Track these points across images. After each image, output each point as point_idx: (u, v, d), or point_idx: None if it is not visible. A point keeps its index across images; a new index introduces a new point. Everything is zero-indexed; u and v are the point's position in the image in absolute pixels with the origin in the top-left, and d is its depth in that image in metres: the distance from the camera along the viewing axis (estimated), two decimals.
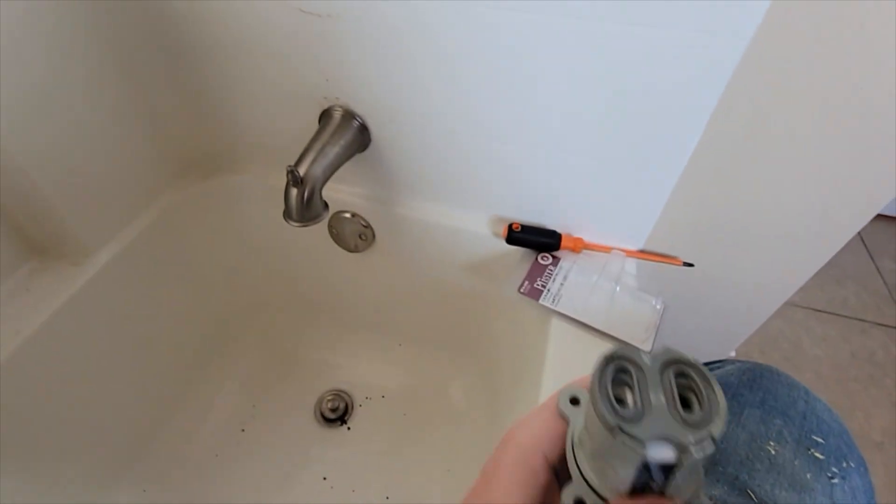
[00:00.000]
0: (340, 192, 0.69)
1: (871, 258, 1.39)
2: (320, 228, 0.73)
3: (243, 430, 0.78)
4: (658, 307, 0.54)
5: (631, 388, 0.17)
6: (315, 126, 0.61)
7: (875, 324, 1.22)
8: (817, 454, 0.31)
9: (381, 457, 0.75)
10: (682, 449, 0.15)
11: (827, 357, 1.15)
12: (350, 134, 0.59)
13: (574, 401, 0.20)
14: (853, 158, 0.50)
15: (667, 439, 0.15)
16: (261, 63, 0.58)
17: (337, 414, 0.80)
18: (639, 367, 0.17)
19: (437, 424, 0.80)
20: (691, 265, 0.63)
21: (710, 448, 0.15)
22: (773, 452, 0.30)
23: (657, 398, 0.16)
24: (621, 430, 0.16)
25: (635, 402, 0.16)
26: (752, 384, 0.35)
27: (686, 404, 0.16)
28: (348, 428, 0.79)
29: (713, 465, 0.29)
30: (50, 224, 0.57)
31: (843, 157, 0.51)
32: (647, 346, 0.51)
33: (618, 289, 0.56)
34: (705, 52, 0.43)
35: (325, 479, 0.73)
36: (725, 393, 0.35)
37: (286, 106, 0.62)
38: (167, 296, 0.72)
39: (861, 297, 1.29)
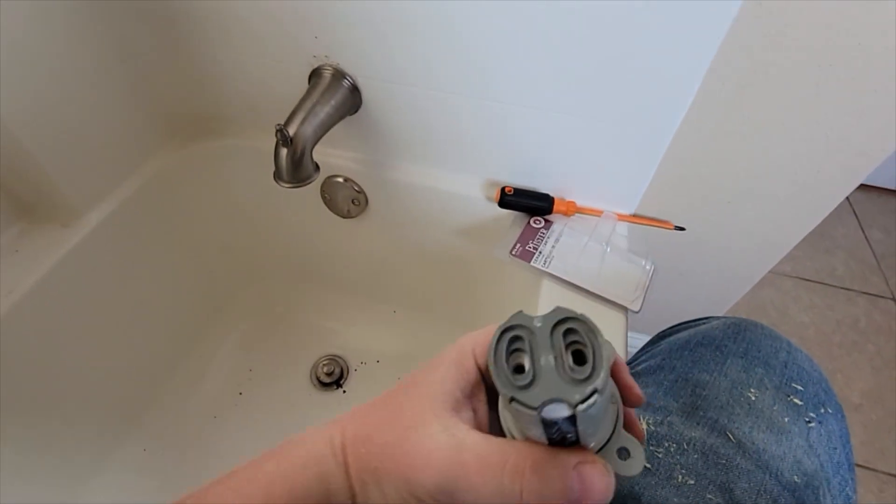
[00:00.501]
0: (332, 157, 0.68)
1: (861, 228, 1.40)
2: (313, 194, 0.73)
3: (240, 394, 0.80)
4: (648, 268, 0.54)
5: (526, 354, 0.18)
6: (305, 87, 0.60)
7: (861, 292, 1.25)
8: (796, 400, 0.32)
9: None
10: (570, 403, 0.16)
11: (812, 324, 1.17)
12: (341, 94, 0.58)
13: None
14: (841, 125, 0.51)
15: (557, 401, 0.16)
16: (248, 20, 0.56)
17: (332, 378, 0.81)
18: (531, 332, 0.18)
19: None
20: (682, 229, 0.64)
21: (596, 403, 0.16)
22: (752, 398, 0.31)
23: (547, 360, 0.17)
24: (514, 400, 0.16)
25: (529, 369, 0.17)
26: (735, 336, 0.36)
27: (581, 359, 0.17)
28: (344, 391, 0.80)
29: (694, 410, 0.30)
30: (38, 185, 0.56)
31: (831, 124, 0.51)
32: (636, 307, 0.51)
33: (608, 250, 0.56)
34: (698, 13, 0.42)
35: None
36: (710, 345, 0.36)
37: (275, 65, 0.61)
38: (159, 258, 0.72)
39: (849, 266, 1.31)
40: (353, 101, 0.60)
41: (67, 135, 0.56)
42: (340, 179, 0.70)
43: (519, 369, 0.17)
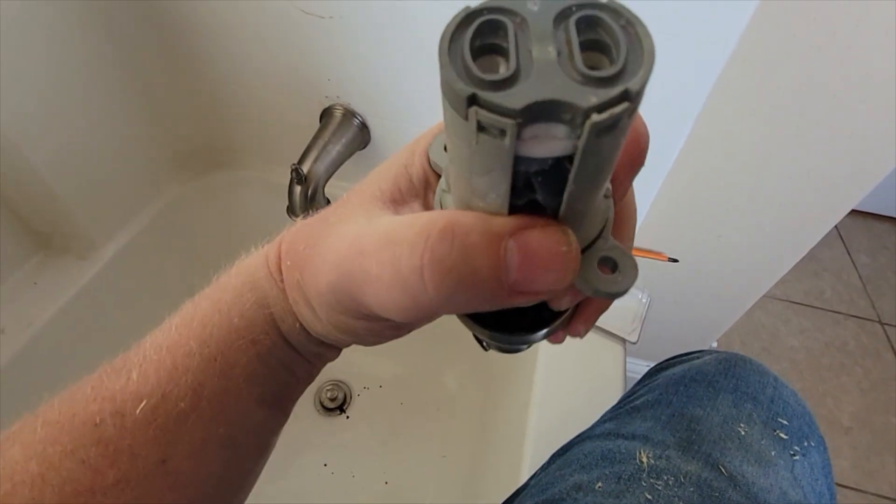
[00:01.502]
0: (341, 189, 0.71)
1: (848, 252, 1.44)
2: None
3: None
4: (644, 300, 0.57)
5: (507, 56, 0.10)
6: (316, 124, 0.63)
7: (848, 315, 1.28)
8: (782, 434, 0.34)
9: (380, 444, 0.78)
10: (576, 119, 0.09)
11: (803, 347, 1.20)
12: (351, 132, 0.61)
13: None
14: (829, 156, 0.54)
15: (551, 106, 0.09)
16: (263, 62, 0.59)
17: (336, 403, 0.83)
18: (522, 21, 0.10)
19: (433, 412, 0.83)
20: (676, 261, 0.67)
21: (621, 122, 0.10)
22: (742, 433, 0.34)
23: (543, 51, 0.10)
24: (476, 101, 0.10)
25: (512, 66, 0.10)
26: (726, 372, 0.39)
27: (593, 66, 0.10)
28: (347, 417, 0.82)
29: (689, 444, 0.33)
30: (57, 218, 0.58)
31: (819, 155, 0.54)
32: (633, 338, 0.54)
33: None
34: (691, 57, 0.45)
35: (325, 465, 0.76)
36: (702, 381, 0.39)
37: (288, 104, 0.64)
38: (170, 287, 0.74)
39: (837, 289, 1.34)
40: (363, 137, 0.63)
41: (86, 168, 0.58)
42: None
43: (490, 69, 0.10)
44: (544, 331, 0.18)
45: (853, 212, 1.56)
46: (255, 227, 0.80)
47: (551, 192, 0.12)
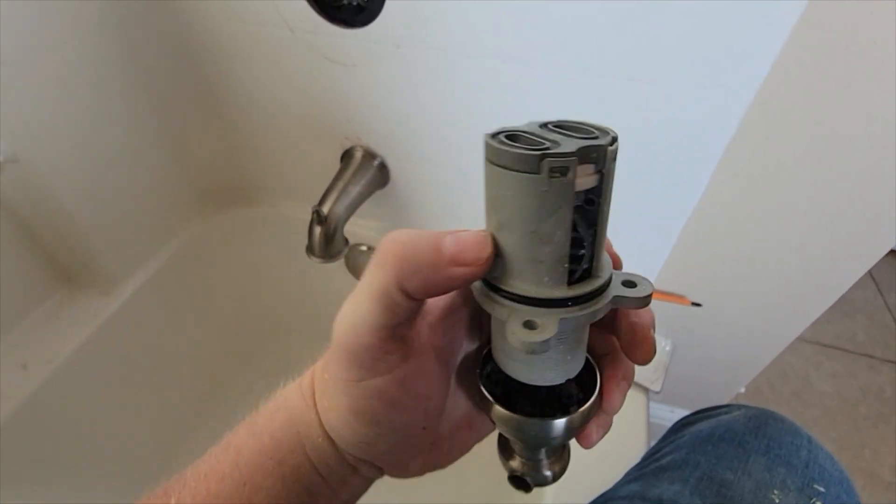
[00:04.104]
0: (358, 226, 0.71)
1: (880, 292, 1.39)
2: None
3: None
4: (667, 349, 0.55)
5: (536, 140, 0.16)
6: (336, 163, 0.64)
7: (884, 360, 1.22)
8: (818, 502, 0.32)
9: (393, 482, 0.76)
10: (599, 156, 0.15)
11: (836, 393, 1.14)
12: (370, 173, 0.62)
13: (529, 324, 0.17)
14: (843, 214, 0.52)
15: (589, 148, 0.15)
16: (288, 105, 0.61)
17: None
18: (521, 131, 0.17)
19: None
20: (699, 305, 0.65)
21: (617, 145, 0.16)
22: (776, 501, 0.31)
23: (552, 136, 0.16)
24: (546, 156, 0.14)
25: (545, 141, 0.16)
26: (757, 431, 0.36)
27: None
28: None
29: None
30: (82, 254, 0.60)
31: (833, 212, 0.53)
32: (656, 387, 0.52)
33: None
34: (711, 105, 0.45)
35: None
36: (732, 440, 0.37)
37: (310, 144, 0.65)
38: (189, 322, 0.74)
39: (870, 332, 1.29)
40: (382, 178, 0.64)
41: (113, 206, 0.60)
42: (364, 248, 0.73)
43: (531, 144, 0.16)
44: (571, 416, 0.19)
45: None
46: (274, 264, 0.81)
47: (587, 223, 0.17)
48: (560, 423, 0.19)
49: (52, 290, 0.61)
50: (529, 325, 0.16)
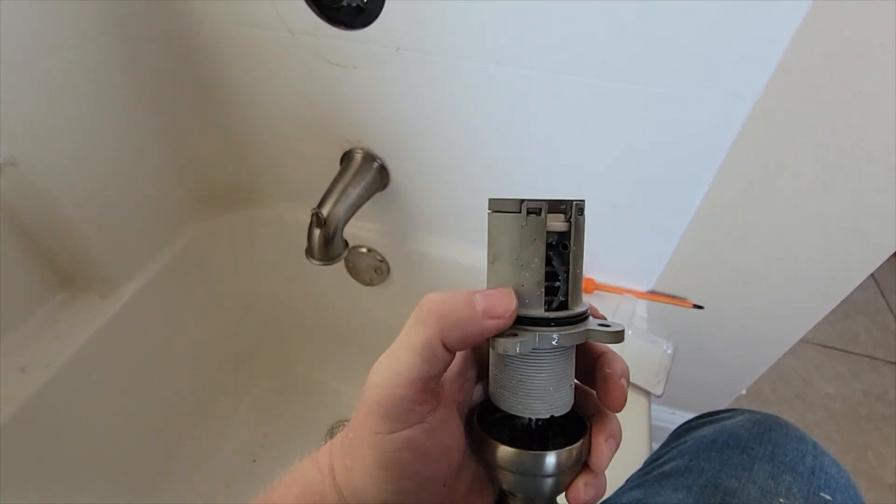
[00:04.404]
0: (358, 228, 0.71)
1: (882, 293, 1.39)
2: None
3: (254, 461, 0.79)
4: (669, 351, 0.55)
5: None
6: (336, 165, 0.64)
7: (886, 362, 1.22)
8: None
9: None
10: (568, 211, 0.20)
11: (839, 395, 1.14)
12: (370, 175, 0.61)
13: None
14: (848, 219, 0.52)
15: (558, 202, 0.20)
16: (288, 107, 0.61)
17: None
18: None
19: None
20: (701, 307, 0.64)
21: (583, 204, 0.21)
22: None
23: (533, 202, 0.20)
24: (524, 203, 0.20)
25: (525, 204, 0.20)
26: (761, 437, 0.36)
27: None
28: None
29: None
30: (81, 257, 0.59)
31: (838, 217, 0.52)
32: (658, 390, 0.52)
33: (629, 332, 0.57)
34: (713, 108, 0.45)
35: None
36: (736, 446, 0.36)
37: (309, 146, 0.65)
38: (188, 325, 0.74)
39: (872, 333, 1.28)
40: (382, 180, 0.63)
41: (112, 209, 0.59)
42: (364, 250, 0.73)
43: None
44: (559, 451, 0.21)
45: None
46: (274, 266, 0.80)
47: (561, 260, 0.21)
48: (550, 457, 0.21)
49: (51, 293, 0.60)
50: (512, 335, 0.20)
